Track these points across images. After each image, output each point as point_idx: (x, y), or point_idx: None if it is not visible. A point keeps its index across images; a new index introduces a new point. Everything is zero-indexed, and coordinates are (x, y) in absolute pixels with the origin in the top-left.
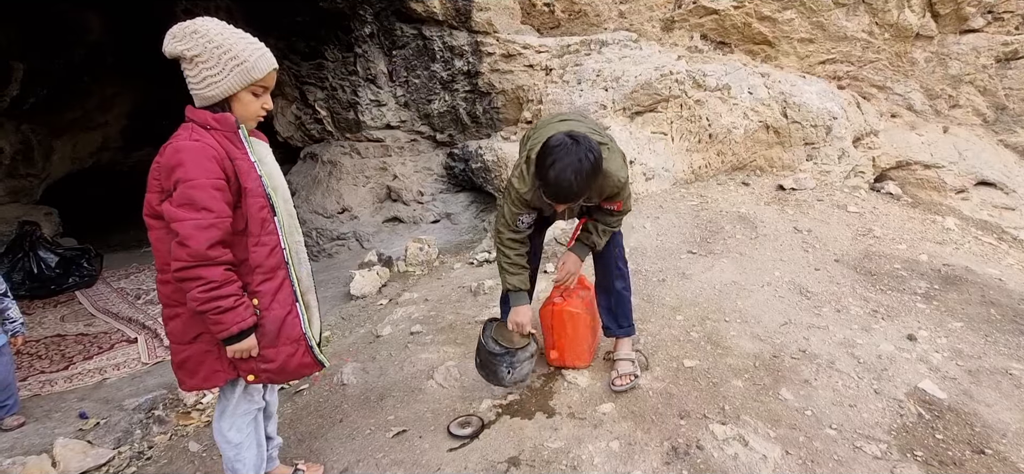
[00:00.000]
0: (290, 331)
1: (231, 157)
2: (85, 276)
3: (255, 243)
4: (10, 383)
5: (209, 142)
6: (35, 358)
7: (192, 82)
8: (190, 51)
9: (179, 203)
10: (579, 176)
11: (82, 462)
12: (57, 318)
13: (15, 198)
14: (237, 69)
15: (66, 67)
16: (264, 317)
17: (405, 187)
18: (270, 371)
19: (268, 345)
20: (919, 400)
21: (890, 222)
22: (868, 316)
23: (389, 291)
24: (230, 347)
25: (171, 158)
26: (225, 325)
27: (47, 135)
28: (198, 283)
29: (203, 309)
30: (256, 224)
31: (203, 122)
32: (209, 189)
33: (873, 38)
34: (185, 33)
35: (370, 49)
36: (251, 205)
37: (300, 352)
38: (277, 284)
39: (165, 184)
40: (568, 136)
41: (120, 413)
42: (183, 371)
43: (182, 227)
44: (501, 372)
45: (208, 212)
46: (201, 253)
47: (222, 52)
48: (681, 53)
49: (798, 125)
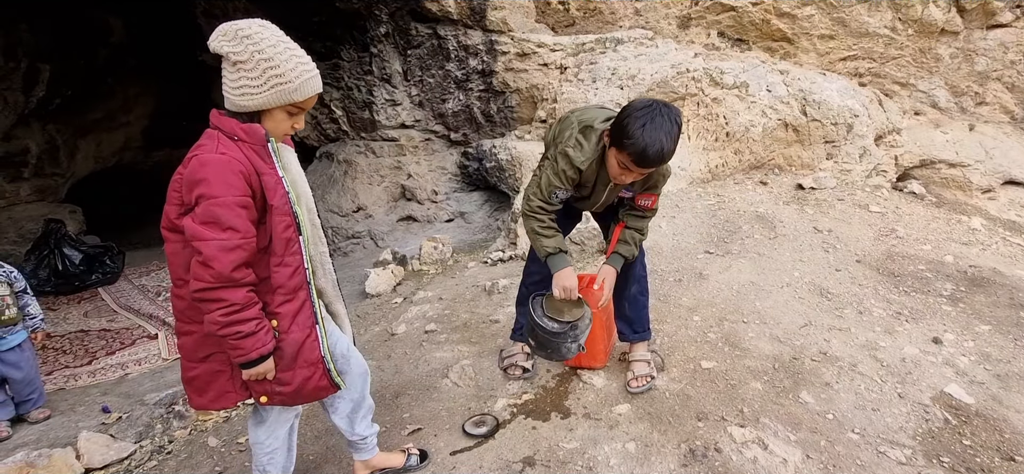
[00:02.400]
0: (308, 354)
1: (258, 171)
2: (108, 273)
3: (278, 263)
4: (34, 378)
5: (235, 155)
6: (60, 353)
7: (229, 86)
8: (235, 55)
9: (202, 220)
10: (669, 138)
11: (105, 455)
12: (81, 314)
13: (41, 196)
14: (279, 87)
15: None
16: (283, 340)
17: (419, 186)
18: (284, 394)
19: (285, 368)
20: (945, 405)
21: (914, 222)
22: (891, 318)
23: (404, 290)
24: (247, 371)
25: (195, 171)
26: (244, 350)
27: (72, 135)
28: (219, 306)
29: (223, 333)
30: (281, 244)
31: (230, 132)
32: (235, 207)
33: (896, 34)
34: (235, 34)
35: (385, 49)
36: (276, 224)
37: (317, 375)
38: (297, 306)
39: (186, 198)
40: (651, 101)
41: (141, 408)
42: (192, 388)
43: (206, 247)
44: (565, 348)
45: (234, 232)
46: (225, 275)
47: (268, 65)
48: (698, 50)
49: (818, 123)
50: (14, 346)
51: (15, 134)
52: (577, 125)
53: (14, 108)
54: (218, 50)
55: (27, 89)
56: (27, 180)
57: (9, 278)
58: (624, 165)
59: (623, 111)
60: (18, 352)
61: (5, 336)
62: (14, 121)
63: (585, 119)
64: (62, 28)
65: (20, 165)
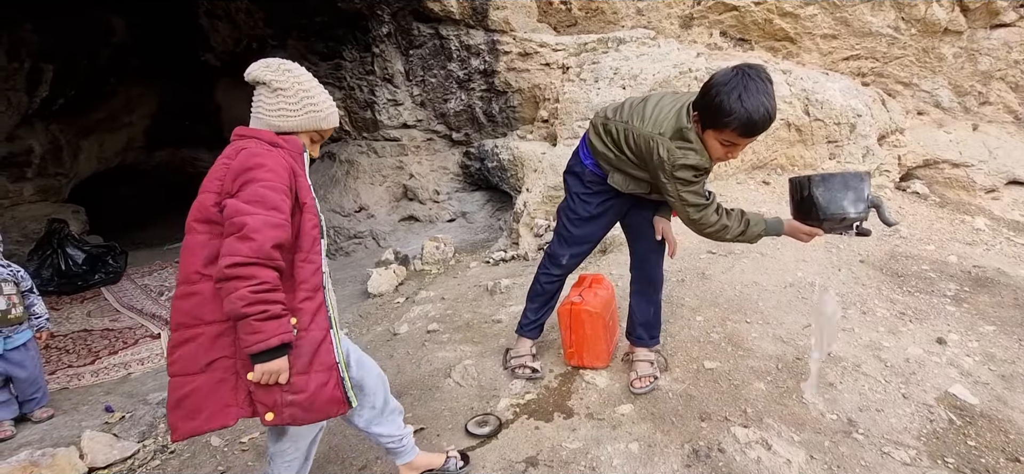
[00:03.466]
0: (325, 357)
1: (295, 173)
2: (111, 273)
3: (304, 259)
4: (38, 377)
5: (280, 155)
6: (63, 352)
7: (265, 108)
8: (277, 82)
9: (249, 200)
10: (769, 97)
11: (108, 455)
12: (84, 313)
13: (44, 196)
14: (312, 113)
15: (92, 68)
16: (302, 337)
17: (421, 186)
18: (297, 404)
19: (300, 371)
20: (950, 405)
21: (917, 222)
22: (895, 318)
23: (406, 289)
24: (261, 366)
25: (247, 160)
26: (267, 334)
27: (74, 135)
28: (251, 282)
29: (248, 311)
30: (308, 240)
31: (271, 141)
32: (281, 192)
33: (899, 34)
34: (277, 66)
35: (387, 49)
36: (306, 221)
37: (332, 383)
38: (317, 305)
39: (229, 187)
40: (734, 68)
41: (144, 407)
42: (180, 411)
43: (253, 219)
44: (863, 188)
45: (278, 212)
46: (265, 250)
47: (306, 95)
48: (700, 50)
49: (821, 123)
50: (19, 345)
51: (18, 134)
52: (661, 139)
53: (17, 108)
54: (260, 78)
55: (30, 89)
56: (30, 180)
57: (16, 277)
58: (729, 142)
59: (709, 91)
60: (23, 351)
61: (11, 335)
62: (17, 121)
63: (663, 125)
64: (65, 28)
65: (23, 165)
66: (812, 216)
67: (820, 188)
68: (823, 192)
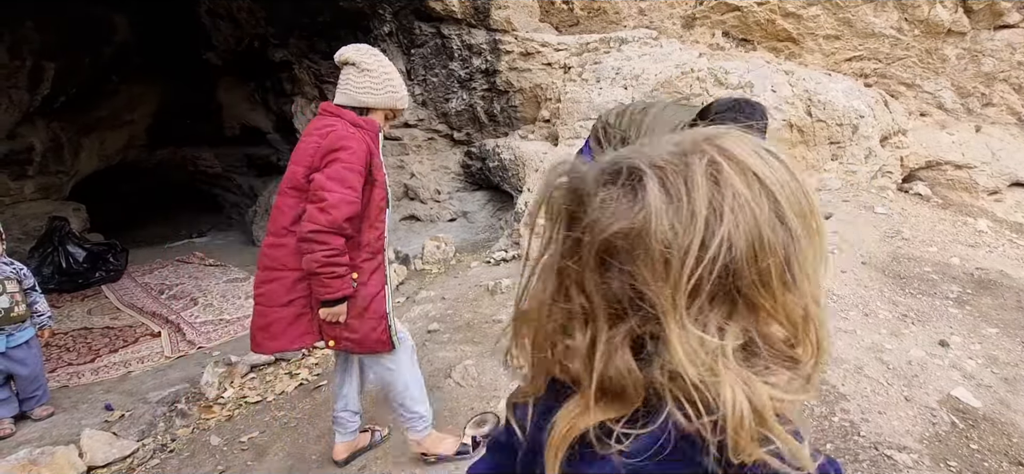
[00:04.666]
0: (377, 307)
1: (371, 152)
2: (111, 271)
3: (370, 226)
4: (39, 375)
5: (362, 137)
6: (63, 350)
7: (352, 85)
8: (366, 64)
9: (331, 176)
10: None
11: (108, 453)
12: (84, 311)
13: (45, 194)
14: (391, 94)
15: (94, 66)
16: (359, 291)
17: (422, 185)
18: (351, 340)
19: (355, 316)
20: (952, 408)
21: (919, 224)
22: (897, 320)
23: (406, 289)
24: (326, 310)
25: (335, 141)
26: (333, 289)
27: (76, 133)
28: (325, 248)
29: (321, 270)
30: (375, 211)
31: (352, 121)
32: (358, 173)
33: (902, 35)
34: (368, 50)
35: (389, 48)
36: (376, 195)
37: (380, 328)
38: (376, 265)
39: (317, 162)
40: (734, 100)
41: (144, 406)
42: (266, 333)
43: (332, 195)
44: None
45: (353, 191)
46: (337, 223)
47: (387, 77)
48: (702, 50)
49: (823, 124)
50: (21, 343)
51: (20, 132)
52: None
53: (19, 106)
54: (350, 59)
55: (32, 87)
56: (31, 178)
57: (19, 275)
58: None
59: (706, 115)
60: (25, 349)
61: (13, 333)
62: (19, 119)
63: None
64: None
65: (24, 163)
66: None
67: None
68: None
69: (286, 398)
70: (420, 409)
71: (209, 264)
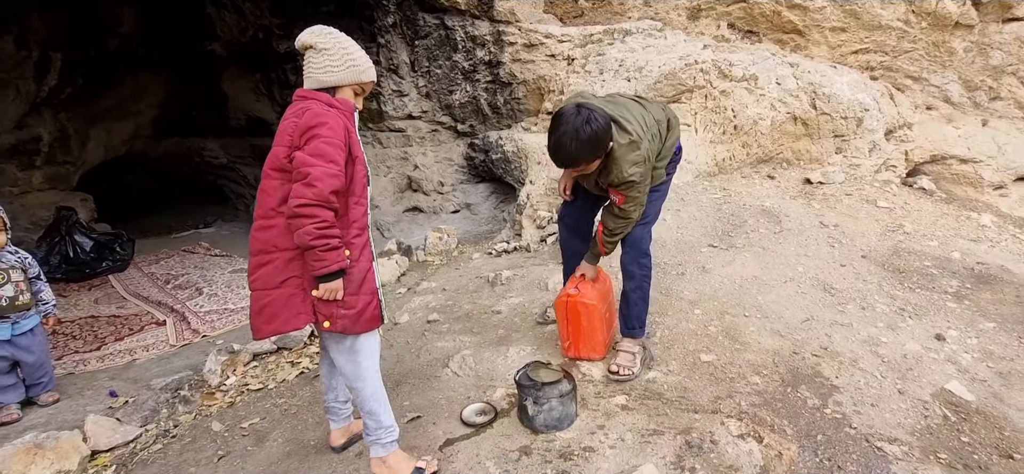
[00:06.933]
0: (370, 283)
1: (347, 129)
2: (118, 260)
3: (356, 202)
4: (45, 362)
5: (338, 114)
6: (70, 338)
7: (313, 67)
8: (322, 44)
9: (312, 153)
10: (572, 140)
11: (111, 438)
12: (91, 300)
13: (53, 185)
14: (352, 68)
15: (100, 57)
16: (354, 267)
17: (426, 177)
18: (347, 317)
19: (352, 292)
20: (945, 401)
21: (922, 218)
22: (895, 314)
23: (408, 280)
24: (323, 286)
25: (312, 119)
26: (328, 262)
27: (83, 124)
28: (314, 220)
29: (314, 243)
30: (359, 186)
31: (327, 102)
32: (339, 147)
33: (909, 27)
34: (322, 31)
35: (393, 39)
36: (358, 170)
37: (374, 304)
38: (364, 241)
39: (296, 141)
40: (577, 105)
41: (148, 392)
42: (261, 317)
43: (314, 170)
44: (528, 408)
45: (335, 164)
46: (324, 195)
47: (346, 53)
48: (707, 42)
49: (827, 117)
50: (27, 331)
51: (27, 123)
52: None
53: (26, 97)
54: (308, 42)
55: (39, 78)
56: (39, 168)
57: (24, 264)
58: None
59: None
60: (30, 337)
61: (18, 320)
62: (26, 110)
63: None
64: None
65: (32, 153)
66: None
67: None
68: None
69: (287, 386)
70: (389, 420)
71: (214, 254)
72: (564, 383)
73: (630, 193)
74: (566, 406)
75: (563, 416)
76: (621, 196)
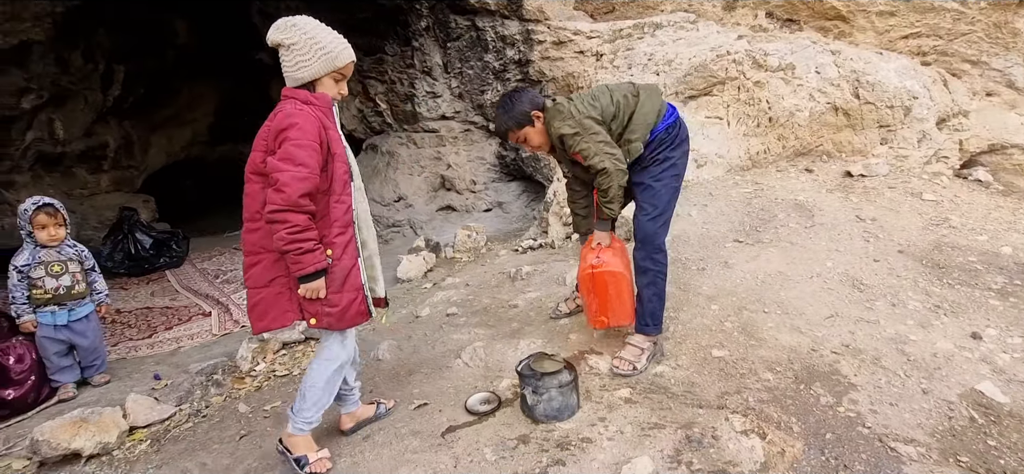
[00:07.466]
0: (354, 280)
1: (325, 126)
2: (174, 256)
3: (336, 200)
4: (98, 346)
5: (311, 112)
6: (125, 327)
7: (287, 66)
8: (288, 40)
9: (281, 157)
10: (501, 111)
11: (148, 415)
12: (148, 293)
13: (119, 187)
14: (324, 57)
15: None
16: (335, 265)
17: (458, 176)
18: (332, 314)
19: (335, 290)
20: (974, 403)
21: (972, 211)
22: (928, 311)
23: (434, 276)
24: (304, 286)
25: (282, 121)
26: (304, 265)
27: (145, 131)
28: (286, 225)
29: (287, 248)
30: (339, 184)
31: (304, 99)
32: (309, 149)
33: (966, 8)
34: (285, 25)
35: (426, 42)
36: (337, 168)
37: (358, 300)
38: (347, 239)
39: (271, 144)
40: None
41: (184, 376)
42: (254, 314)
43: (282, 176)
44: (527, 397)
45: (304, 167)
46: (293, 200)
47: (313, 43)
48: (743, 32)
49: (871, 106)
50: (82, 317)
51: (95, 130)
52: None
53: (94, 106)
54: (275, 40)
55: (105, 88)
56: (106, 172)
57: (80, 257)
58: None
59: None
60: (85, 323)
61: (74, 307)
62: (94, 118)
63: None
64: (134, 31)
65: (100, 159)
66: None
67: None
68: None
69: None
70: (312, 414)
71: None
72: (564, 374)
73: (577, 147)
74: (566, 397)
75: (563, 406)
76: (577, 154)
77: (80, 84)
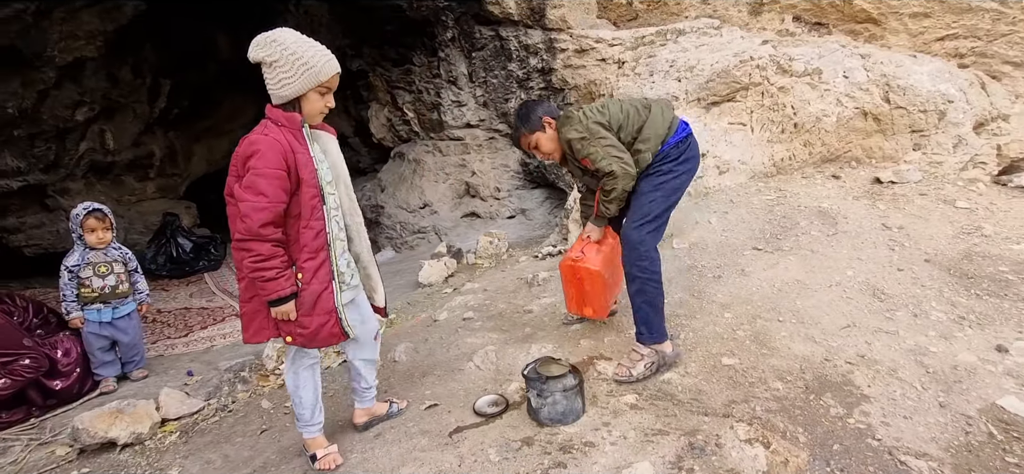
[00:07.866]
0: (325, 304)
1: (294, 150)
2: (212, 260)
3: (305, 226)
4: (138, 343)
5: (276, 137)
6: (164, 326)
7: (270, 83)
8: (270, 57)
9: (245, 186)
10: (513, 122)
11: (179, 409)
12: (187, 294)
13: (163, 194)
14: (307, 73)
15: (201, 82)
16: (304, 290)
17: (483, 183)
18: (304, 336)
19: (305, 314)
20: (994, 418)
21: (1008, 219)
22: (952, 323)
23: (454, 281)
24: (273, 309)
25: (246, 149)
26: (269, 291)
27: (188, 141)
28: (249, 254)
29: (252, 276)
30: (307, 210)
31: (276, 119)
32: (271, 178)
33: (1006, 7)
34: (266, 41)
35: (451, 52)
36: (305, 193)
37: (331, 323)
38: (318, 263)
39: (239, 170)
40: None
41: (214, 372)
42: (243, 325)
43: (243, 206)
44: (532, 401)
45: (264, 197)
46: (254, 230)
47: (295, 59)
48: (768, 37)
49: (903, 111)
50: (124, 315)
51: (142, 141)
52: None
53: (141, 118)
54: (256, 58)
55: (151, 101)
56: (152, 180)
57: (124, 258)
58: None
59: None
60: (127, 320)
61: (118, 306)
62: (142, 129)
63: None
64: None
65: (147, 167)
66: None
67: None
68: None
69: (331, 372)
70: (302, 414)
71: None
72: (569, 378)
73: (585, 152)
74: (571, 401)
75: (568, 410)
76: (585, 159)
77: (129, 97)
